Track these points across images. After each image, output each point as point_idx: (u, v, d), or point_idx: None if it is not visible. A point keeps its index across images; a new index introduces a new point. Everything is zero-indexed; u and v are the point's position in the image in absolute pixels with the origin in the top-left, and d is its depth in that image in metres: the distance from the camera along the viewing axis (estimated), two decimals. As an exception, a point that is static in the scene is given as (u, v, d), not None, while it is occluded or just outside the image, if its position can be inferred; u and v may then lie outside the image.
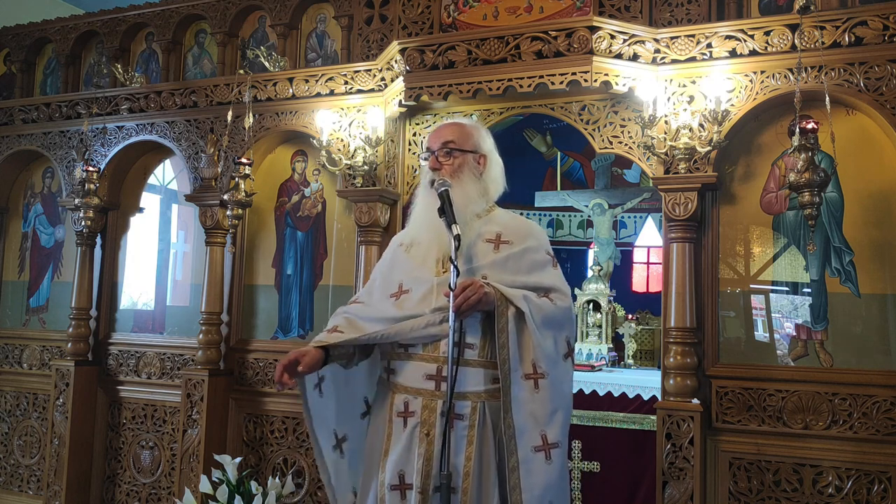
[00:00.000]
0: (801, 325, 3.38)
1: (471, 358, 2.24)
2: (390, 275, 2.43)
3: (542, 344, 2.24)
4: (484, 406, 2.23)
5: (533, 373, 2.22)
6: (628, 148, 3.67)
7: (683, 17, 3.59)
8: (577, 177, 6.86)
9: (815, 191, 2.94)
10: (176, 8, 4.81)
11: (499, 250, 2.34)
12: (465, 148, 2.41)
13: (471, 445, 2.20)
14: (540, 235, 2.46)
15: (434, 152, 2.41)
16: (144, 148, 4.86)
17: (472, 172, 2.40)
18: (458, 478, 2.17)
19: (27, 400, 5.14)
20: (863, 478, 3.22)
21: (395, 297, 2.35)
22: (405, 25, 4.07)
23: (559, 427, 2.24)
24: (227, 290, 4.49)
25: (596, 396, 4.29)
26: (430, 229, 2.34)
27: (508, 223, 2.43)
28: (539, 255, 2.38)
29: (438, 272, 2.32)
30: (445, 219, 2.20)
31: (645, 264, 7.29)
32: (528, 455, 2.18)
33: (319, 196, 4.43)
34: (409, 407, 2.26)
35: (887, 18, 3.18)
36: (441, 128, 2.49)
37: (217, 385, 4.37)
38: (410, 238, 2.47)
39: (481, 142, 2.47)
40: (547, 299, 2.30)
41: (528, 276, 2.32)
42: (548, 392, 2.23)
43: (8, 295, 5.34)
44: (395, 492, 2.22)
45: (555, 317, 2.29)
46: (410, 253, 2.43)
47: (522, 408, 2.19)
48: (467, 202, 2.34)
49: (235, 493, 3.83)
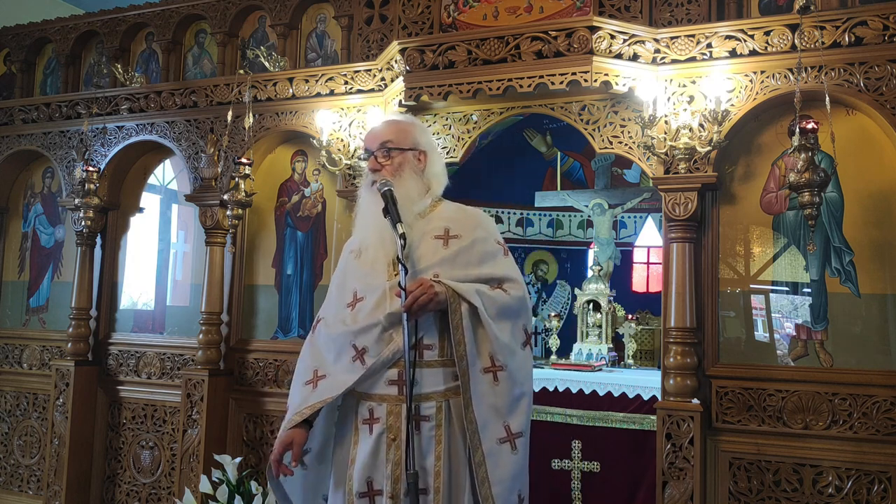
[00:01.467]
0: (801, 325, 3.38)
1: (430, 359, 2.23)
2: (344, 284, 2.40)
3: (499, 336, 2.23)
4: (448, 404, 2.23)
5: (491, 366, 2.22)
6: (628, 148, 3.67)
7: (683, 17, 3.59)
8: (577, 177, 6.85)
9: (815, 191, 2.94)
10: (176, 8, 4.81)
11: (448, 246, 2.31)
12: (403, 146, 2.37)
13: (439, 445, 2.19)
14: (488, 225, 2.43)
15: (373, 153, 2.37)
16: (144, 148, 4.86)
17: (413, 170, 2.37)
18: (430, 478, 2.16)
19: (27, 400, 5.15)
20: (863, 478, 3.22)
21: (351, 306, 2.32)
22: (405, 25, 4.07)
23: (522, 416, 2.25)
24: (227, 290, 4.49)
25: (596, 396, 4.28)
26: (376, 232, 2.31)
27: (455, 216, 2.39)
28: (489, 245, 2.37)
29: (390, 275, 2.28)
30: (390, 219, 2.19)
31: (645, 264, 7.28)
32: (493, 448, 2.17)
33: (319, 196, 4.43)
34: (373, 413, 2.24)
35: (887, 18, 3.18)
36: (378, 128, 2.45)
37: (217, 385, 4.37)
38: (358, 243, 2.43)
39: (419, 137, 2.43)
40: (500, 290, 2.29)
41: (480, 268, 2.31)
42: (507, 383, 2.23)
43: (8, 295, 5.34)
44: (364, 499, 2.20)
45: (510, 307, 2.29)
46: (360, 259, 2.39)
47: (483, 401, 2.19)
48: (410, 202, 2.32)
49: (235, 493, 3.83)
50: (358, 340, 2.24)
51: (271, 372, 4.37)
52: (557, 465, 4.25)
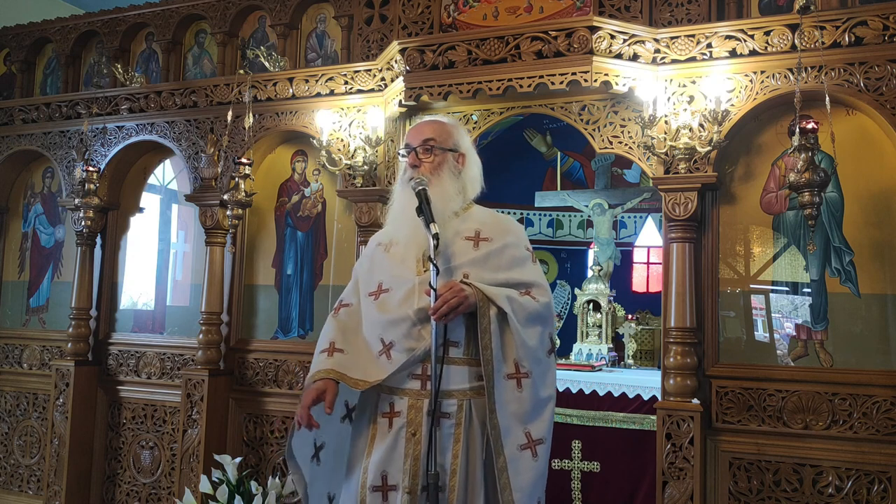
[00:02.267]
0: (801, 325, 3.38)
1: (455, 356, 2.24)
2: (371, 275, 2.42)
3: (526, 342, 2.24)
4: (470, 403, 2.23)
5: (516, 372, 2.23)
6: (628, 148, 3.67)
7: (683, 17, 3.59)
8: (577, 177, 6.86)
9: (815, 191, 2.94)
10: (176, 8, 4.81)
11: (478, 248, 2.33)
12: (445, 146, 2.40)
13: (458, 443, 2.20)
14: (519, 231, 2.46)
15: (414, 149, 2.40)
16: (144, 148, 4.86)
17: (451, 170, 2.39)
18: (446, 476, 2.17)
19: (27, 400, 5.15)
20: (863, 478, 3.22)
21: (374, 296, 2.33)
22: (405, 25, 4.07)
23: (544, 423, 2.26)
24: (227, 290, 4.49)
25: (596, 396, 4.29)
26: (409, 228, 2.32)
27: (487, 220, 2.42)
28: (518, 250, 2.38)
29: (419, 271, 2.30)
30: (424, 218, 2.19)
31: (645, 264, 7.29)
32: (514, 454, 2.18)
33: (319, 196, 4.43)
34: (394, 407, 2.24)
35: (887, 18, 3.18)
36: (421, 125, 2.48)
37: (217, 385, 4.37)
38: (389, 237, 2.45)
39: (460, 140, 2.46)
40: (529, 296, 2.30)
41: (509, 273, 2.32)
42: (531, 390, 2.23)
43: (8, 295, 5.34)
44: (377, 493, 2.20)
45: (538, 313, 2.30)
46: (390, 252, 2.41)
47: (506, 407, 2.19)
48: (446, 200, 2.33)
49: (235, 493, 3.83)
50: (386, 334, 2.25)
51: (271, 372, 4.37)
52: (557, 465, 4.25)
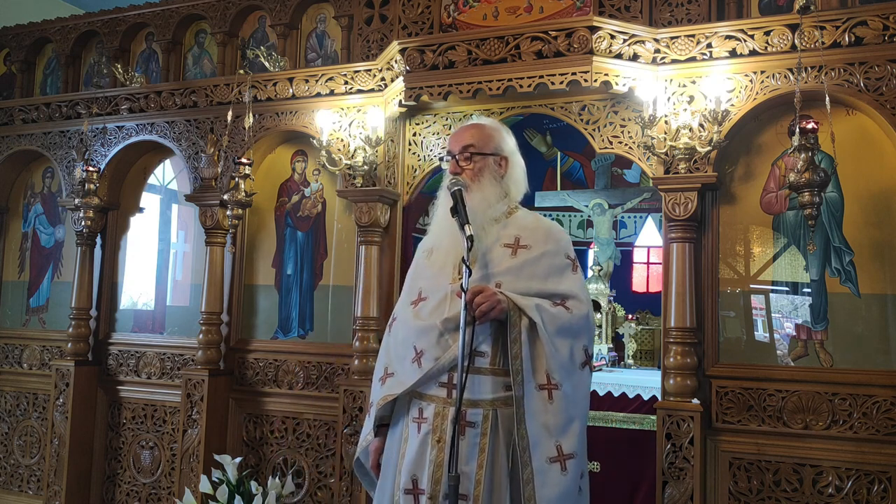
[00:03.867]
0: (801, 325, 3.38)
1: (482, 366, 2.22)
2: (414, 282, 2.45)
3: (556, 354, 2.20)
4: (496, 414, 2.21)
5: (547, 383, 2.19)
6: (628, 148, 3.67)
7: (683, 17, 3.59)
8: (577, 177, 6.85)
9: (815, 191, 2.94)
10: (176, 8, 4.81)
11: (516, 255, 2.30)
12: (485, 151, 2.38)
13: (483, 453, 2.18)
14: (560, 238, 2.41)
15: (454, 156, 2.38)
16: (144, 148, 4.86)
17: (493, 175, 2.37)
18: (470, 485, 2.15)
19: (27, 400, 5.14)
20: (863, 478, 3.22)
21: (415, 304, 2.36)
22: (405, 25, 4.07)
23: (575, 437, 2.22)
24: (227, 290, 4.49)
25: (596, 396, 4.28)
26: (449, 234, 2.32)
27: (528, 225, 2.39)
28: (557, 259, 2.35)
29: (454, 278, 2.29)
30: (458, 219, 2.17)
31: (645, 264, 7.28)
32: (542, 466, 2.15)
33: (319, 196, 4.43)
34: (422, 413, 2.26)
35: (887, 18, 3.18)
36: (462, 130, 2.45)
37: (217, 385, 4.37)
38: (431, 244, 2.46)
39: (502, 143, 2.43)
40: (563, 307, 2.26)
41: (545, 283, 2.29)
42: (562, 402, 2.20)
43: (8, 295, 5.34)
44: (409, 496, 2.22)
45: (571, 325, 2.26)
46: (431, 259, 2.42)
47: (536, 419, 2.17)
48: (486, 206, 2.32)
49: (235, 493, 3.83)
50: (418, 341, 2.27)
51: (271, 372, 4.37)
52: (557, 465, 4.24)
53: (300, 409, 4.29)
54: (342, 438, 3.92)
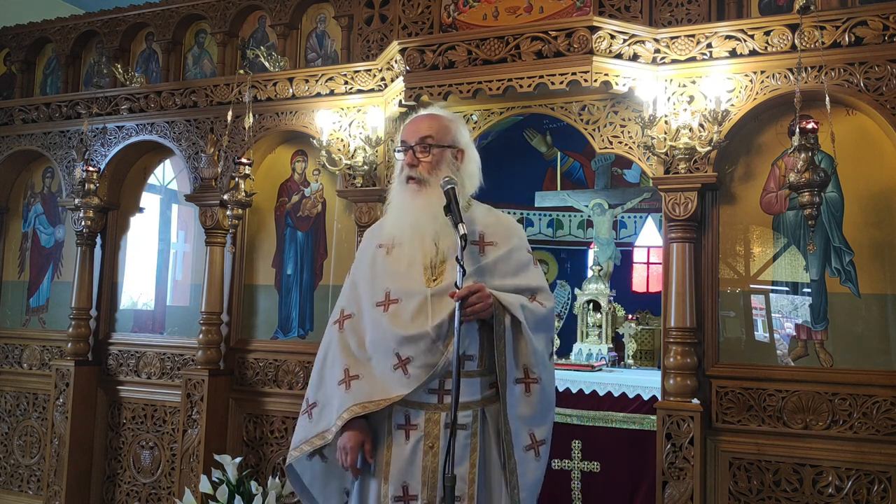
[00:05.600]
0: (801, 325, 3.38)
1: (471, 369, 2.23)
2: (373, 280, 2.32)
3: (536, 349, 2.25)
4: (483, 412, 2.24)
5: (525, 377, 2.24)
6: (628, 148, 3.67)
7: (683, 17, 3.59)
8: (577, 177, 6.86)
9: (815, 191, 2.94)
10: (176, 8, 4.81)
11: (485, 253, 2.30)
12: (443, 143, 2.32)
13: (474, 453, 2.21)
14: (521, 233, 2.44)
15: (411, 147, 2.31)
16: (144, 148, 4.86)
17: (450, 168, 2.31)
18: (464, 485, 2.17)
19: (27, 400, 5.14)
20: (863, 478, 3.22)
21: (384, 307, 2.25)
22: (405, 25, 4.07)
23: (547, 425, 2.29)
24: (227, 290, 4.49)
25: (596, 396, 4.28)
26: (413, 230, 2.27)
27: (489, 221, 2.37)
28: (522, 254, 2.37)
29: (429, 282, 2.24)
30: (452, 217, 2.14)
31: (645, 264, 7.29)
32: (522, 455, 2.22)
33: (319, 196, 4.43)
34: (410, 420, 2.23)
35: (887, 18, 3.18)
36: (418, 119, 2.37)
37: (217, 385, 4.37)
38: (390, 238, 2.35)
39: (458, 135, 2.37)
40: (537, 303, 2.30)
41: (516, 279, 2.31)
42: (539, 394, 2.26)
43: (8, 295, 5.34)
44: (399, 503, 2.21)
45: (545, 320, 2.32)
46: (392, 255, 2.32)
47: (516, 411, 2.22)
48: None
49: (235, 493, 3.83)
50: (402, 349, 2.19)
51: (271, 372, 4.37)
52: (557, 465, 4.25)
53: (300, 409, 4.27)
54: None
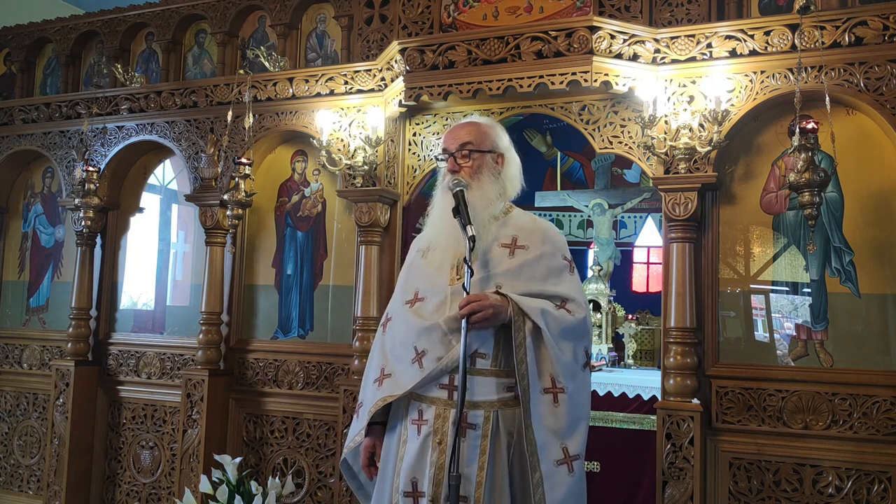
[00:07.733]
0: (801, 325, 3.38)
1: (483, 367, 2.21)
2: (408, 282, 2.41)
3: (560, 358, 2.21)
4: (497, 415, 2.20)
5: (552, 387, 2.19)
6: (628, 148, 3.67)
7: (683, 17, 3.59)
8: (577, 177, 6.86)
9: (815, 191, 2.94)
10: (176, 8, 4.81)
11: (514, 256, 2.30)
12: (482, 148, 2.36)
13: (483, 455, 2.17)
14: (557, 239, 2.41)
15: (452, 154, 2.36)
16: (144, 148, 4.86)
17: (491, 173, 2.36)
18: (471, 487, 2.14)
19: (27, 400, 5.15)
20: (863, 478, 3.22)
21: (410, 304, 2.32)
22: (405, 25, 4.07)
23: (580, 438, 2.23)
24: (227, 290, 4.49)
25: (596, 396, 4.29)
26: (446, 233, 2.30)
27: (525, 226, 2.38)
28: (555, 260, 2.34)
29: (452, 279, 2.27)
30: (460, 219, 2.16)
31: (645, 264, 7.30)
32: (551, 469, 2.15)
33: (319, 196, 4.43)
34: (422, 415, 2.23)
35: (887, 18, 3.18)
36: (457, 128, 2.44)
37: (217, 385, 4.37)
38: (427, 242, 2.43)
39: (498, 140, 2.42)
40: (564, 310, 2.26)
41: (544, 284, 2.28)
42: (567, 405, 2.20)
43: (8, 295, 5.34)
44: (409, 499, 2.20)
45: (574, 328, 2.26)
46: (427, 258, 2.39)
47: (542, 423, 2.16)
48: (486, 204, 2.30)
49: (235, 493, 3.83)
50: (419, 342, 2.24)
51: (271, 372, 4.37)
52: (557, 465, 4.25)
53: (300, 409, 4.29)
54: (342, 438, 3.92)
